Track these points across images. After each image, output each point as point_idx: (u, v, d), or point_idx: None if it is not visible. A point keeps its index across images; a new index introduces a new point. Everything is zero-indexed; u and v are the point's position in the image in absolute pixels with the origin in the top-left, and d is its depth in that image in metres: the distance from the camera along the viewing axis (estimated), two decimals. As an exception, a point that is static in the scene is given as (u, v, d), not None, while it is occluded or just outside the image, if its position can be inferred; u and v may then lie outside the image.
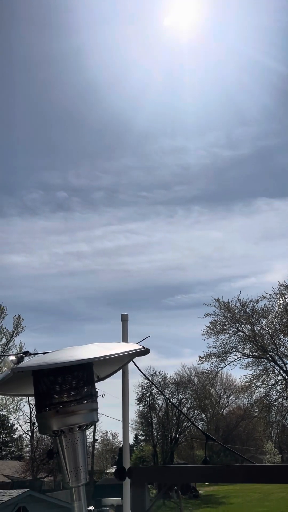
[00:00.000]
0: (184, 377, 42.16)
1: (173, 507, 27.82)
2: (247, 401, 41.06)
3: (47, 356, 1.51)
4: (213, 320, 25.53)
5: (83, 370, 1.51)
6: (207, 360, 26.08)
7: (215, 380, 39.69)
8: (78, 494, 1.50)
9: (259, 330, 25.62)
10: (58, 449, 1.50)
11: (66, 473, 1.49)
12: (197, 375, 40.08)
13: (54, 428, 1.47)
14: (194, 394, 41.15)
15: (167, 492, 28.91)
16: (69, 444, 1.49)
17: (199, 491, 35.61)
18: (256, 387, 26.71)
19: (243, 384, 28.33)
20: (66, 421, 1.46)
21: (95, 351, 1.53)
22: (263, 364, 25.80)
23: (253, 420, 38.27)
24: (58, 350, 1.56)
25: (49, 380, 1.47)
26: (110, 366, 1.85)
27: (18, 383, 1.64)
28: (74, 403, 1.46)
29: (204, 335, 25.67)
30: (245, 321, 25.42)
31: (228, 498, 31.85)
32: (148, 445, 43.86)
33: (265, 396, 26.87)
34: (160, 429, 41.27)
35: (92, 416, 1.52)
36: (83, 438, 1.52)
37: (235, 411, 47.83)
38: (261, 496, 30.17)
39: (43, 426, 1.49)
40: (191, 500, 32.61)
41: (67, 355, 1.48)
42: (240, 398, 46.41)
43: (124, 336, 2.18)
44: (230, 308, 25.39)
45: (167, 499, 30.84)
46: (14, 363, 1.43)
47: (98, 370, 1.78)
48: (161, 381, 40.14)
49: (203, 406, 44.21)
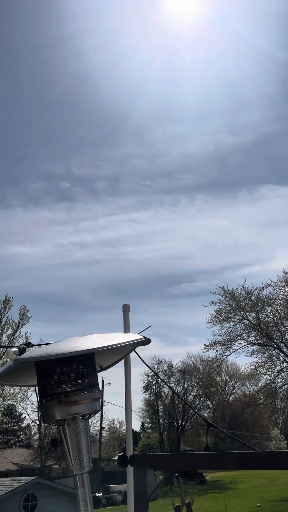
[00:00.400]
0: (189, 365, 42.45)
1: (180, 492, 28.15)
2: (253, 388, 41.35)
3: (49, 347, 1.53)
4: (218, 308, 25.60)
5: (85, 360, 1.53)
6: (212, 348, 26.21)
7: (221, 368, 39.95)
8: (82, 481, 1.53)
9: (264, 318, 25.66)
10: (62, 437, 1.53)
11: (70, 461, 1.52)
12: (202, 363, 40.34)
13: (57, 418, 1.49)
14: (199, 382, 41.43)
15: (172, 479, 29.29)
16: (72, 432, 1.51)
17: (206, 477, 36.03)
18: (262, 374, 26.85)
19: (248, 372, 28.51)
20: (69, 410, 1.49)
21: (96, 342, 1.55)
22: (268, 351, 25.89)
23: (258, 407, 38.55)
24: (60, 341, 1.58)
25: (52, 370, 1.49)
26: (112, 356, 1.87)
27: (22, 374, 1.66)
28: (77, 393, 1.49)
29: (209, 323, 25.78)
30: (250, 309, 25.45)
31: (235, 484, 32.23)
32: (154, 433, 44.32)
33: (270, 383, 27.01)
34: (166, 416, 41.66)
35: (95, 405, 1.54)
36: (86, 426, 1.55)
37: (241, 398, 48.16)
38: (267, 481, 30.50)
39: (47, 415, 1.52)
40: (198, 485, 33.02)
41: (69, 346, 1.50)
42: (245, 385, 46.74)
43: (125, 326, 2.20)
44: (235, 296, 25.43)
45: (173, 485, 31.26)
46: (16, 354, 1.45)
47: (101, 360, 1.81)
48: (167, 370, 40.44)
49: (209, 394, 44.55)
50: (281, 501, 23.43)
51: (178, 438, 41.38)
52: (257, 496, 24.69)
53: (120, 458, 1.60)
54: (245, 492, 27.15)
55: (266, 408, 32.77)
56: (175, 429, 41.31)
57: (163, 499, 24.13)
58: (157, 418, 42.46)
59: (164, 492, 28.56)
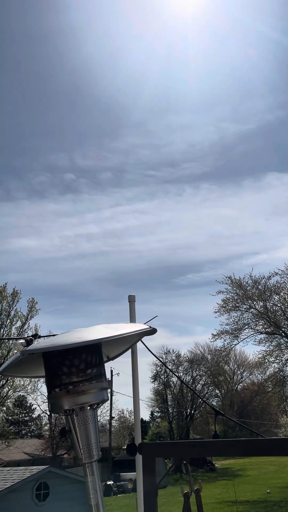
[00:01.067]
0: (197, 354, 42.59)
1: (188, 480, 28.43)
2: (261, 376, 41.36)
3: (56, 338, 1.55)
4: (225, 298, 25.57)
5: (92, 350, 1.54)
6: (220, 337, 26.23)
7: (229, 357, 40.03)
8: (91, 469, 1.55)
9: (272, 306, 25.62)
10: (71, 427, 1.54)
11: (79, 450, 1.54)
12: (210, 352, 40.45)
13: (66, 408, 1.51)
14: (208, 371, 41.58)
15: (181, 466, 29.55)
16: (80, 422, 1.53)
17: (215, 464, 36.32)
18: (270, 362, 26.86)
19: (256, 360, 28.52)
20: (77, 400, 1.50)
21: (103, 332, 1.56)
22: (276, 340, 25.87)
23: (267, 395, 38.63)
24: (66, 332, 1.59)
25: (59, 361, 1.51)
26: (119, 346, 1.88)
27: (30, 365, 1.68)
28: (84, 383, 1.50)
29: (217, 312, 25.77)
30: (257, 298, 25.40)
31: (244, 471, 32.47)
32: (164, 422, 44.66)
33: (278, 371, 27.05)
34: (175, 405, 41.93)
35: (102, 395, 1.56)
36: (94, 416, 1.56)
37: (249, 387, 48.33)
38: (277, 468, 30.69)
39: (55, 405, 1.53)
40: (208, 473, 33.31)
41: (75, 336, 1.51)
42: (253, 374, 46.87)
43: (131, 317, 2.20)
44: (242, 285, 25.37)
45: (184, 473, 31.55)
46: (23, 346, 1.46)
47: (108, 350, 1.82)
48: (175, 359, 40.58)
49: (217, 383, 44.72)
50: (290, 487, 23.58)
51: (187, 427, 41.67)
52: (267, 483, 24.88)
53: (129, 447, 1.61)
54: (255, 479, 27.35)
55: (275, 396, 32.83)
56: (184, 418, 41.59)
57: (173, 486, 24.37)
58: (166, 407, 42.74)
59: (174, 480, 28.85)
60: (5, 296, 29.64)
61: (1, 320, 29.43)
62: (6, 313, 29.67)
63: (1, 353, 28.95)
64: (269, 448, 1.08)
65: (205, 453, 1.28)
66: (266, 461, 33.60)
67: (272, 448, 1.07)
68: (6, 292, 29.71)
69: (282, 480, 25.61)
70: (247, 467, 33.75)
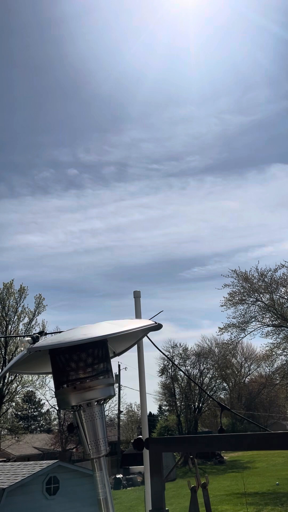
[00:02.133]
0: (204, 348, 42.64)
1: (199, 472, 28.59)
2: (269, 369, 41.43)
3: (62, 335, 1.56)
4: (232, 291, 25.54)
5: (98, 347, 1.55)
6: (226, 331, 26.23)
7: (236, 350, 40.01)
8: (100, 464, 1.57)
9: (278, 298, 25.55)
10: (78, 423, 1.56)
11: (86, 446, 1.55)
12: (217, 345, 40.46)
13: (73, 404, 1.52)
14: (215, 364, 41.64)
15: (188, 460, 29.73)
16: (88, 418, 1.54)
17: (224, 457, 36.46)
18: (277, 355, 26.84)
19: (263, 353, 28.50)
20: (84, 396, 1.52)
21: (108, 329, 1.57)
22: (283, 332, 25.82)
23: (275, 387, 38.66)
24: (72, 329, 1.61)
25: (65, 358, 1.52)
26: (125, 342, 1.89)
27: (37, 362, 1.70)
28: (91, 379, 1.51)
29: (223, 306, 25.76)
30: (263, 290, 25.35)
31: (253, 463, 32.58)
32: (172, 415, 44.85)
33: (286, 363, 27.03)
34: (183, 399, 42.07)
35: (109, 391, 1.57)
36: (101, 411, 1.58)
37: (257, 379, 48.33)
38: (285, 460, 30.75)
39: (62, 402, 1.55)
40: (216, 465, 33.46)
41: (81, 333, 1.52)
42: (261, 367, 46.87)
43: (137, 312, 2.21)
44: (248, 278, 25.32)
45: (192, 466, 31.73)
46: (30, 343, 1.47)
47: (114, 346, 1.83)
48: (182, 353, 40.68)
49: (224, 376, 44.77)
50: (299, 479, 23.62)
51: (196, 420, 41.82)
52: (276, 474, 24.95)
53: (136, 442, 1.63)
54: (263, 471, 27.44)
55: (283, 388, 32.88)
56: (192, 411, 41.74)
57: (182, 479, 24.52)
58: (174, 401, 42.90)
59: (183, 473, 29.02)
60: (12, 292, 29.81)
61: (8, 317, 29.62)
62: (14, 309, 29.86)
63: (9, 349, 29.16)
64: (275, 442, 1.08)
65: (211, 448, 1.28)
66: (275, 453, 33.66)
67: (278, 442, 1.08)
68: (13, 289, 29.88)
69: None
70: (256, 459, 33.86)
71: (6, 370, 1.60)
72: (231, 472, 28.71)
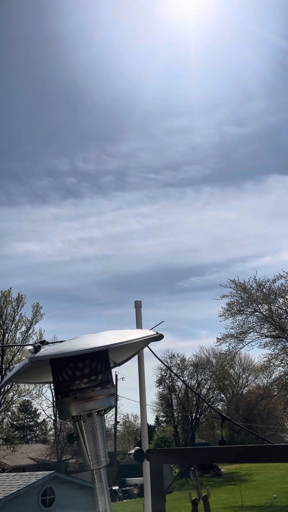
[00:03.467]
0: (202, 358, 42.44)
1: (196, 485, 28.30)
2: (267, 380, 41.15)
3: (63, 345, 1.56)
4: (230, 302, 25.52)
5: (99, 357, 1.55)
6: (224, 341, 26.16)
7: (234, 361, 39.84)
8: (99, 475, 1.56)
9: (276, 309, 25.53)
10: (78, 433, 1.55)
11: (86, 456, 1.54)
12: (215, 356, 40.27)
13: (73, 414, 1.52)
14: (213, 375, 41.42)
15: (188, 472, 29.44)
16: (88, 428, 1.54)
17: (221, 469, 36.11)
18: (275, 366, 26.75)
19: (261, 364, 28.40)
20: (85, 406, 1.51)
21: (110, 339, 1.57)
22: (281, 343, 25.76)
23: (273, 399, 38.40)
24: (74, 338, 1.60)
25: (67, 367, 1.51)
26: (126, 352, 1.89)
27: (37, 371, 1.69)
28: (92, 389, 1.51)
29: (221, 316, 25.72)
30: (262, 301, 25.33)
31: (251, 476, 32.26)
32: (169, 426, 44.47)
33: (284, 375, 26.92)
34: (181, 410, 41.77)
35: (110, 401, 1.56)
36: (102, 422, 1.57)
37: (255, 391, 48.05)
38: (283, 472, 30.48)
39: (63, 412, 1.54)
40: (214, 478, 33.12)
41: (83, 343, 1.52)
42: (259, 378, 46.58)
43: (138, 322, 2.21)
44: (247, 288, 25.31)
45: (190, 478, 31.41)
46: (31, 353, 1.47)
47: (114, 356, 1.83)
48: (180, 363, 40.47)
49: (222, 387, 44.51)
50: (297, 492, 23.40)
51: (193, 431, 41.48)
52: (273, 487, 24.70)
53: (137, 453, 1.62)
54: (261, 484, 27.17)
55: (281, 400, 32.66)
56: (190, 422, 41.41)
57: (179, 492, 24.25)
58: (171, 412, 42.58)
59: (180, 485, 28.71)
60: (10, 301, 29.72)
61: (6, 325, 29.49)
62: (11, 317, 29.75)
63: (6, 358, 28.99)
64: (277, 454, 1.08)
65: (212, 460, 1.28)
66: (273, 466, 33.37)
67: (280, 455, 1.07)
68: (11, 297, 29.79)
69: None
70: (253, 472, 33.54)
71: (8, 379, 1.60)
72: (229, 485, 28.42)
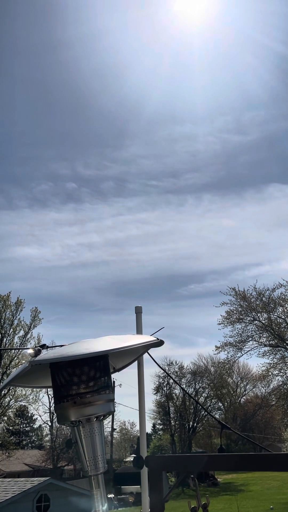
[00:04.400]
0: (200, 366, 42.29)
1: (192, 494, 28.08)
2: (265, 389, 41.07)
3: (64, 349, 1.55)
4: (229, 310, 25.48)
5: (99, 362, 1.54)
6: (223, 349, 26.07)
7: (232, 369, 39.71)
8: (97, 482, 1.54)
9: (276, 318, 25.48)
10: (77, 438, 1.54)
11: (85, 462, 1.53)
12: (213, 364, 40.14)
13: (72, 419, 1.51)
14: (211, 383, 41.24)
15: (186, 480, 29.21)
16: (87, 433, 1.53)
17: (218, 479, 35.83)
18: (273, 375, 26.64)
19: (260, 373, 28.29)
20: (84, 411, 1.50)
21: (110, 344, 1.56)
22: (280, 352, 25.68)
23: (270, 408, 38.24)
24: (74, 343, 1.60)
25: (66, 372, 1.51)
26: (125, 358, 1.88)
27: (36, 375, 1.68)
28: (91, 394, 1.50)
29: (220, 324, 25.66)
30: (261, 309, 25.29)
31: (247, 486, 31.99)
32: (166, 434, 44.21)
33: (282, 384, 26.80)
34: (178, 418, 41.53)
35: (109, 407, 1.55)
36: (101, 427, 1.56)
37: (253, 400, 47.83)
38: (280, 483, 30.23)
39: (62, 416, 1.53)
40: (210, 488, 32.84)
41: (83, 347, 1.51)
42: (257, 387, 46.43)
43: (138, 328, 2.21)
44: (246, 297, 25.28)
45: (186, 487, 31.15)
46: (32, 356, 1.46)
47: (114, 361, 1.82)
48: (178, 371, 40.29)
49: (220, 395, 44.30)
50: (294, 503, 23.20)
51: (190, 440, 41.22)
52: (270, 498, 24.48)
53: (136, 460, 1.60)
54: (258, 495, 26.93)
55: (279, 409, 32.50)
56: (187, 431, 41.16)
57: (175, 501, 24.04)
58: (168, 420, 42.34)
59: (176, 494, 28.46)
60: (9, 305, 29.64)
61: (4, 329, 29.38)
62: (10, 322, 29.64)
63: (4, 362, 28.85)
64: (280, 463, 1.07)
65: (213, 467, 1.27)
66: (270, 476, 33.14)
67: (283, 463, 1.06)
68: (10, 301, 29.71)
69: (285, 496, 25.21)
70: (250, 482, 33.27)
71: (7, 382, 1.59)
72: (225, 495, 28.17)
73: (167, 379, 40.43)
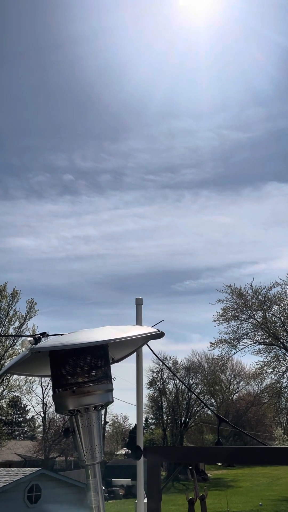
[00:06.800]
0: (194, 362, 42.45)
1: (182, 489, 28.28)
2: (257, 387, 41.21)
3: (64, 338, 1.53)
4: (225, 307, 25.53)
5: (99, 351, 1.53)
6: (218, 346, 26.15)
7: (226, 366, 39.85)
8: (94, 471, 1.54)
9: (271, 317, 25.55)
10: (74, 428, 1.53)
11: (82, 452, 1.52)
12: (207, 361, 40.31)
13: (70, 408, 1.50)
14: (204, 379, 41.42)
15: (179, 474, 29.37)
16: (85, 423, 1.52)
17: (208, 474, 36.09)
18: (267, 373, 26.75)
19: (253, 371, 28.40)
20: (82, 401, 1.49)
21: (111, 333, 1.55)
22: (274, 351, 25.78)
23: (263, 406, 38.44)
24: (74, 332, 1.58)
25: (66, 361, 1.49)
26: (124, 349, 1.87)
27: (35, 363, 1.67)
28: (90, 384, 1.49)
29: (216, 321, 25.72)
30: (257, 307, 25.35)
31: (237, 482, 32.25)
32: (158, 429, 44.44)
33: (275, 383, 26.93)
34: (170, 413, 41.73)
35: (108, 397, 1.55)
36: (99, 418, 1.55)
37: (245, 397, 48.06)
38: (269, 480, 30.49)
39: (60, 405, 1.52)
40: (200, 482, 33.03)
41: (84, 336, 1.50)
42: (250, 385, 46.61)
43: (138, 320, 2.20)
44: (242, 294, 25.33)
45: (176, 481, 31.35)
46: (31, 344, 1.45)
47: (113, 352, 1.81)
48: (172, 366, 40.43)
49: (213, 392, 44.51)
50: (283, 500, 23.42)
51: (181, 435, 41.46)
52: (259, 495, 24.70)
53: (135, 450, 1.60)
54: (247, 491, 27.16)
55: (271, 407, 32.70)
56: (179, 426, 41.38)
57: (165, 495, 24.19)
58: (160, 414, 42.55)
59: (166, 488, 28.66)
60: (5, 295, 29.63)
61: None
62: (5, 312, 29.65)
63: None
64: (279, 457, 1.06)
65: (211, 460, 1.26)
66: (259, 473, 33.43)
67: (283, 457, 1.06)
68: (6, 292, 29.70)
69: (274, 493, 25.45)
70: (240, 478, 33.54)
71: (6, 369, 1.57)
72: (215, 490, 28.38)
73: (161, 374, 40.61)
